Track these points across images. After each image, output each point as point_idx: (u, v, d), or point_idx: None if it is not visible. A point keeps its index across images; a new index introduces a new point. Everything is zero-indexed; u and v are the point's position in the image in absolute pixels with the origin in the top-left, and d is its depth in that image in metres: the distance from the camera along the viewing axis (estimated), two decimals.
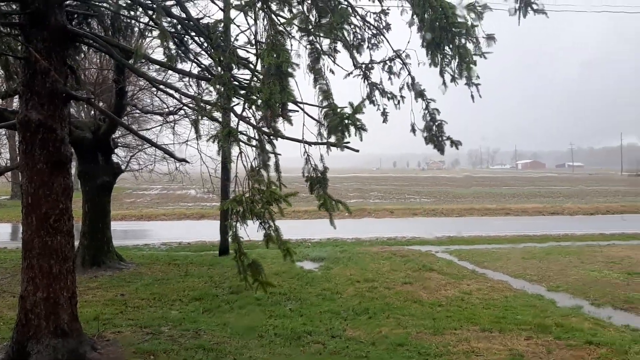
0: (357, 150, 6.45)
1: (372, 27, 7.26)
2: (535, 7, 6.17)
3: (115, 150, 14.77)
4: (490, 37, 6.13)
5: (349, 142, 6.06)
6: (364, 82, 7.37)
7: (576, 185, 63.23)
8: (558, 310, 9.51)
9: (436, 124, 6.98)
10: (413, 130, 7.12)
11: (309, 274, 12.66)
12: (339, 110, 5.71)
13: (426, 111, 6.99)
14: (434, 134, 6.99)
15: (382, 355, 7.15)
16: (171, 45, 7.56)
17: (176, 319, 8.80)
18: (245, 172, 5.85)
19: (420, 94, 7.02)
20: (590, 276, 12.59)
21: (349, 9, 6.45)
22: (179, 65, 7.98)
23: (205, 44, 7.96)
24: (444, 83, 6.49)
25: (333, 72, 6.90)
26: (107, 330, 8.06)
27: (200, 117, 6.20)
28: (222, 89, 5.59)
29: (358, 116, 5.63)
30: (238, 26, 6.64)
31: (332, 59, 6.89)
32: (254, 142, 5.82)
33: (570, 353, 7.20)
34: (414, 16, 6.16)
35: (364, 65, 7.31)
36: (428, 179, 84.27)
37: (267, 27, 5.41)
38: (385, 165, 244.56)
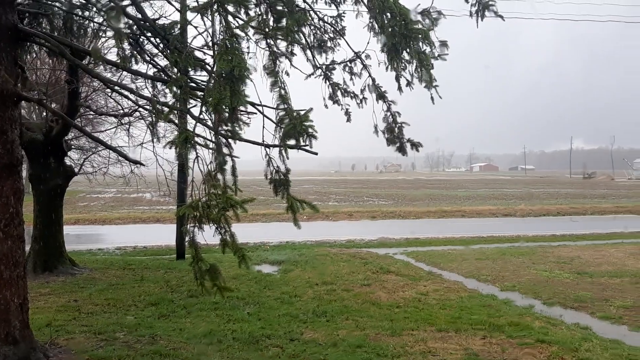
0: (316, 153, 6.47)
1: (329, 29, 7.30)
2: (492, 10, 6.34)
3: (68, 153, 14.36)
4: (443, 44, 6.25)
5: (307, 145, 6.08)
6: (326, 82, 7.41)
7: (523, 188, 64.93)
8: (511, 310, 9.75)
9: (397, 125, 7.07)
10: (376, 131, 7.19)
11: (268, 277, 12.61)
12: (294, 114, 5.71)
13: (388, 113, 7.07)
14: (396, 136, 7.07)
15: (340, 357, 7.18)
16: (126, 45, 7.43)
17: (131, 324, 8.62)
18: (202, 176, 5.79)
19: (381, 96, 7.10)
20: (542, 276, 12.96)
21: (306, 12, 6.47)
22: (134, 67, 7.84)
23: (162, 45, 7.85)
24: (400, 88, 6.59)
25: (288, 75, 6.90)
26: (60, 337, 7.82)
27: (156, 120, 6.11)
28: (179, 92, 5.52)
29: (307, 123, 5.64)
30: (195, 27, 6.58)
31: (290, 61, 6.89)
32: (211, 146, 5.76)
33: (523, 351, 7.38)
34: (373, 21, 6.23)
35: (324, 66, 7.35)
36: (385, 182, 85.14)
37: (222, 30, 5.37)
38: (344, 168, 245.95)
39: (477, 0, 6.24)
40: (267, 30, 6.21)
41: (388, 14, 5.78)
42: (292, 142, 5.90)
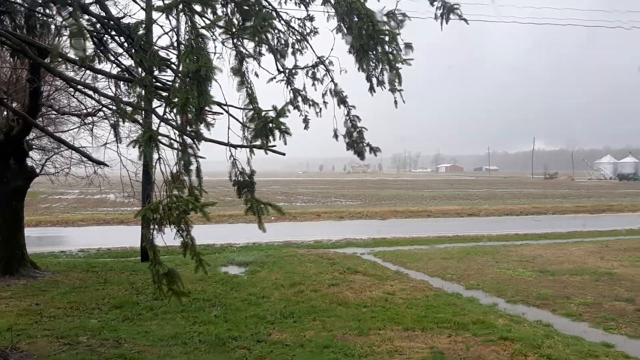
0: (283, 154, 6.46)
1: (296, 32, 7.30)
2: (457, 13, 6.43)
3: (30, 153, 14.01)
4: (408, 46, 6.31)
5: (274, 146, 6.06)
6: (287, 87, 7.41)
7: (488, 188, 66.07)
8: (476, 308, 9.92)
9: (357, 130, 7.12)
10: (335, 136, 7.23)
11: (235, 278, 12.53)
12: (263, 113, 5.70)
13: (348, 117, 7.12)
14: (355, 140, 7.13)
15: (307, 358, 7.19)
16: (89, 44, 7.29)
17: (95, 328, 8.46)
18: (164, 178, 5.72)
19: (342, 101, 7.14)
20: (506, 275, 13.22)
21: (273, 12, 6.46)
22: (98, 66, 7.70)
23: (127, 44, 7.72)
24: (372, 88, 6.63)
25: (257, 75, 6.88)
26: (22, 342, 7.64)
27: (121, 121, 6.01)
28: (143, 92, 5.45)
29: (282, 120, 5.63)
30: (161, 26, 6.50)
31: (257, 62, 6.86)
32: (175, 146, 5.69)
33: (487, 349, 7.51)
34: (341, 23, 6.26)
35: (287, 70, 7.34)
36: (352, 182, 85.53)
37: (188, 30, 5.32)
38: (312, 168, 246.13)
39: (442, 3, 6.33)
40: (233, 30, 6.18)
41: (355, 15, 5.82)
42: (259, 142, 5.88)
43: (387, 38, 5.92)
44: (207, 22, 5.67)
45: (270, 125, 5.58)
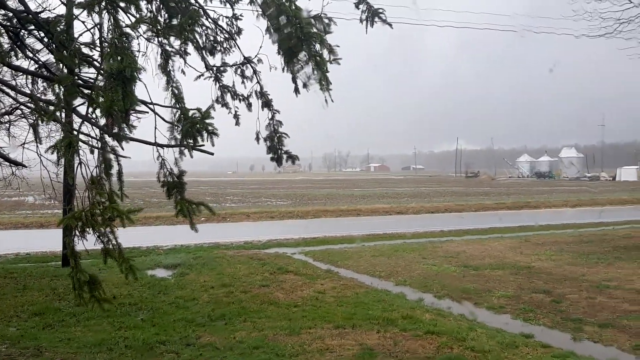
0: (212, 154, 6.37)
1: (224, 30, 7.22)
2: (381, 17, 6.56)
3: None
4: (332, 50, 6.38)
5: (203, 145, 5.97)
6: (216, 84, 7.32)
7: (415, 187, 67.90)
8: (404, 304, 10.16)
9: (277, 135, 7.13)
10: (257, 139, 7.21)
11: (162, 281, 12.23)
12: (190, 113, 5.60)
13: (271, 122, 7.12)
14: (275, 145, 7.13)
15: (237, 359, 7.13)
16: (5, 39, 6.92)
17: (14, 336, 8.03)
18: (85, 182, 5.52)
19: (267, 104, 7.13)
20: (432, 270, 13.62)
21: (200, 10, 6.37)
22: (15, 62, 7.32)
23: (46, 39, 7.38)
24: (297, 89, 6.65)
25: (184, 73, 6.76)
26: None
27: (41, 121, 5.74)
28: (64, 90, 5.23)
29: (208, 121, 5.56)
30: (83, 22, 6.26)
31: (184, 60, 6.75)
32: (97, 148, 5.50)
33: (416, 344, 7.71)
34: (269, 23, 6.24)
35: (215, 68, 7.26)
36: (283, 182, 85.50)
37: (111, 28, 5.15)
38: (242, 169, 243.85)
39: (366, 7, 6.43)
40: (159, 28, 6.04)
41: (284, 17, 5.82)
42: (189, 141, 5.78)
43: (315, 40, 5.96)
44: (132, 18, 5.51)
45: (198, 126, 5.50)
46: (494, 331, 8.46)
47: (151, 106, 6.01)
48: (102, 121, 5.46)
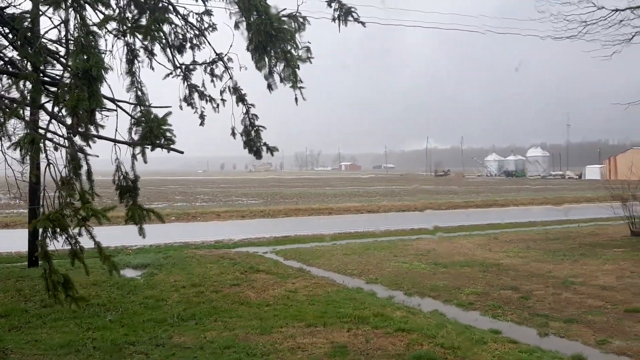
0: (182, 152, 6.31)
1: (194, 27, 7.15)
2: (354, 16, 6.58)
3: None
4: (307, 44, 6.39)
5: (174, 144, 5.90)
6: (184, 83, 7.24)
7: (386, 185, 68.38)
8: (375, 302, 10.22)
9: (255, 129, 7.10)
10: (233, 134, 7.16)
11: (131, 282, 12.04)
12: (152, 116, 5.54)
13: (246, 116, 7.08)
14: (252, 139, 7.10)
15: (209, 359, 7.07)
16: None
17: None
18: (55, 182, 5.41)
19: (241, 99, 7.08)
20: (403, 268, 13.73)
21: (170, 7, 6.29)
22: None
23: (11, 35, 7.19)
24: (270, 86, 6.63)
25: (153, 69, 6.67)
26: None
27: (5, 118, 5.60)
28: (30, 87, 5.11)
29: (166, 127, 5.50)
30: (49, 18, 6.13)
31: (151, 59, 6.65)
32: (65, 147, 5.39)
33: (386, 341, 7.76)
34: (240, 19, 6.20)
35: (184, 66, 7.18)
36: (254, 181, 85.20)
37: (77, 26, 5.05)
38: (212, 167, 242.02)
39: (339, 5, 6.45)
40: (126, 28, 5.95)
41: (255, 13, 5.80)
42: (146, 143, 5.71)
43: (286, 36, 5.95)
44: (100, 15, 5.41)
45: (154, 132, 5.44)
46: (464, 327, 8.57)
47: (119, 104, 5.91)
48: (69, 120, 5.36)
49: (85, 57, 4.75)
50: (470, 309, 10.02)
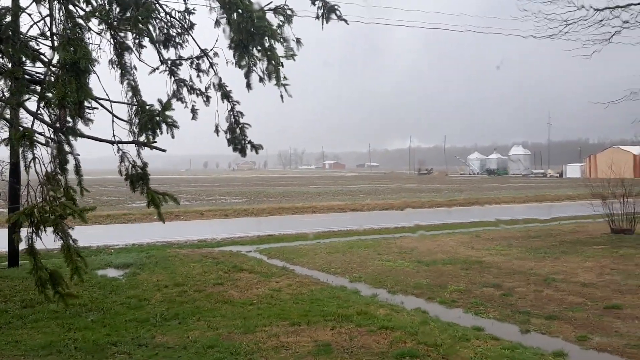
0: (164, 150, 6.26)
1: (177, 24, 7.10)
2: (337, 14, 6.58)
3: None
4: (298, 41, 6.37)
5: (156, 142, 5.87)
6: (171, 78, 7.19)
7: (370, 184, 68.57)
8: (359, 300, 10.24)
9: (239, 126, 7.06)
10: (217, 131, 7.13)
11: (113, 282, 11.94)
12: (147, 107, 5.49)
13: (231, 113, 7.04)
14: (237, 137, 7.07)
15: (192, 359, 7.03)
16: None
17: None
18: (38, 178, 5.34)
19: (226, 95, 7.04)
20: (386, 266, 13.77)
21: (155, 4, 6.24)
22: None
23: None
24: (249, 84, 6.60)
25: (136, 69, 6.61)
26: None
27: None
28: (12, 85, 5.04)
29: (169, 113, 5.47)
30: (29, 15, 6.04)
31: (138, 54, 6.60)
32: (51, 144, 5.33)
33: (370, 339, 7.78)
34: (222, 16, 6.17)
35: (170, 62, 7.12)
36: (238, 180, 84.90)
37: (63, 20, 4.99)
38: (195, 166, 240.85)
39: (322, 4, 6.44)
40: (113, 21, 5.89)
41: (236, 10, 5.77)
42: (143, 138, 5.66)
43: (267, 33, 5.93)
44: (82, 12, 5.36)
45: (157, 118, 5.39)
46: (446, 325, 8.61)
47: (106, 101, 5.86)
48: (55, 115, 5.30)
49: (72, 49, 4.70)
50: (453, 306, 10.08)
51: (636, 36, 15.86)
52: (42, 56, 6.46)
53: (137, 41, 6.63)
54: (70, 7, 5.10)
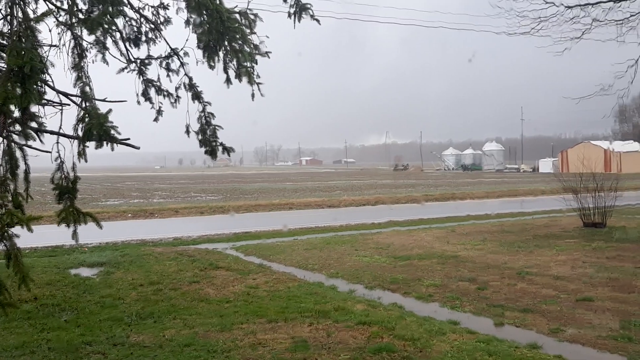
0: (138, 148, 6.16)
1: (149, 21, 6.98)
2: (309, 13, 6.54)
3: None
4: (262, 38, 6.31)
5: (129, 139, 5.76)
6: (140, 77, 7.06)
7: (347, 180, 68.76)
8: (336, 296, 10.26)
9: (210, 127, 6.98)
10: (187, 132, 7.03)
11: (87, 281, 11.77)
12: (95, 113, 5.37)
13: (202, 114, 6.95)
14: (207, 138, 6.98)
15: (168, 358, 6.96)
16: None
17: None
18: None
19: (197, 96, 6.95)
20: (363, 262, 13.82)
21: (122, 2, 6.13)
22: None
23: None
24: (228, 80, 6.52)
25: (107, 63, 6.49)
26: None
27: None
28: None
29: (111, 124, 5.35)
30: None
31: (103, 53, 6.47)
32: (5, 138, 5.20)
33: (347, 334, 7.80)
34: (190, 17, 6.09)
35: (139, 61, 7.00)
36: (213, 177, 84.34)
37: (16, 20, 4.85)
38: (170, 163, 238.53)
39: (294, 2, 6.39)
40: (73, 21, 5.76)
41: (205, 11, 5.69)
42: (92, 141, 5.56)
43: (237, 35, 5.87)
44: (44, 9, 5.22)
45: (100, 128, 5.28)
46: (423, 319, 8.69)
47: (71, 98, 5.74)
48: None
49: (22, 52, 4.58)
50: (430, 300, 10.16)
51: (606, 33, 16.08)
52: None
53: (101, 40, 6.50)
54: (35, 6, 4.97)
